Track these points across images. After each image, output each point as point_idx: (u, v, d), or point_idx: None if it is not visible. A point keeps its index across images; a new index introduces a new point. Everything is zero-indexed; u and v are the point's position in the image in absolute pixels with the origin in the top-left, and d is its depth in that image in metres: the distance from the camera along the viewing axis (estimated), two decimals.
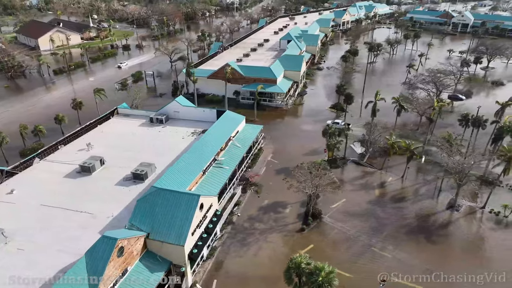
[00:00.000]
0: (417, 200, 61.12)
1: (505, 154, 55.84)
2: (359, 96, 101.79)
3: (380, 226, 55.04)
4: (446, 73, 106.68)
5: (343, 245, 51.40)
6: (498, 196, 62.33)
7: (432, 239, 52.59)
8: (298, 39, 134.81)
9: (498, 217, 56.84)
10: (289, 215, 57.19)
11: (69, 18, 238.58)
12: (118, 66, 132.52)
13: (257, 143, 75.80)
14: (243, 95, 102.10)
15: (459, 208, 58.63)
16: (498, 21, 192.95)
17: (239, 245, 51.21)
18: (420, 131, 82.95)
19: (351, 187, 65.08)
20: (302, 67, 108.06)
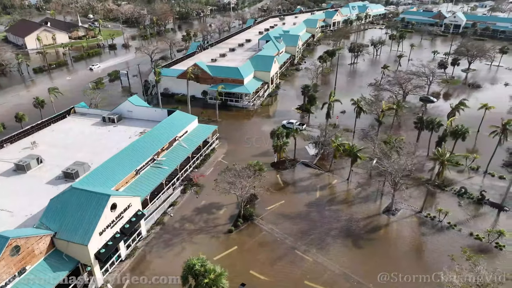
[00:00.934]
0: (356, 203, 60.52)
1: (437, 157, 54.92)
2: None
3: (310, 229, 54.58)
4: (418, 74, 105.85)
5: (267, 248, 51.09)
6: (443, 200, 61.68)
7: (358, 243, 52.00)
8: (277, 40, 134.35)
9: (433, 222, 55.96)
10: (222, 217, 57.04)
11: (65, 17, 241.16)
12: (90, 68, 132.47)
13: (209, 144, 75.71)
14: (210, 95, 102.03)
15: (396, 212, 57.86)
16: (491, 22, 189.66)
17: (163, 246, 51.24)
18: (379, 132, 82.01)
19: (293, 189, 64.71)
20: (272, 68, 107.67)
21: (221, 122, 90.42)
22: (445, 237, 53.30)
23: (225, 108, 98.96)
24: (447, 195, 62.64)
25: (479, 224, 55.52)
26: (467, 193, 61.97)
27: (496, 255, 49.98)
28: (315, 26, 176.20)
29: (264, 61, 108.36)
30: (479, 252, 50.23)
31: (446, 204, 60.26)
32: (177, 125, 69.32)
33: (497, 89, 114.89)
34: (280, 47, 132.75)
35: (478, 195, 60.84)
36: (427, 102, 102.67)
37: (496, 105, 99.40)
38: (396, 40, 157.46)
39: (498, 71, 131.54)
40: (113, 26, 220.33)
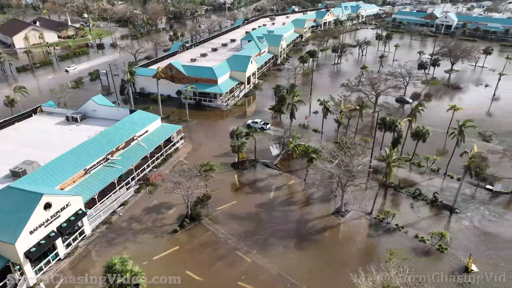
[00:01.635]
0: (308, 204, 60.28)
1: (384, 159, 54.55)
2: (307, 97, 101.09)
3: (257, 230, 54.45)
4: (395, 75, 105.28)
5: (208, 248, 51.03)
6: (397, 201, 61.38)
7: (301, 245, 51.81)
8: (260, 40, 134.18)
9: (381, 223, 55.57)
10: (171, 217, 57.06)
11: (60, 17, 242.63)
12: (65, 70, 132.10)
13: (172, 143, 75.77)
14: (185, 95, 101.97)
15: (345, 213, 57.53)
16: (482, 22, 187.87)
17: (105, 245, 51.38)
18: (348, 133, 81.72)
19: (248, 189, 64.60)
20: (248, 68, 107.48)
21: (191, 122, 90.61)
22: (390, 239, 52.94)
23: (199, 108, 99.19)
24: (402, 197, 62.18)
25: (428, 226, 54.98)
26: (422, 194, 61.45)
27: (438, 257, 49.50)
28: (303, 26, 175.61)
29: (241, 61, 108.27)
30: (423, 255, 50.00)
31: (399, 206, 60.08)
32: (136, 125, 69.46)
33: (477, 90, 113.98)
34: (262, 47, 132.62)
35: (431, 197, 60.29)
36: (403, 103, 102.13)
37: (475, 107, 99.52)
38: (383, 40, 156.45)
39: (482, 72, 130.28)
40: (105, 26, 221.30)
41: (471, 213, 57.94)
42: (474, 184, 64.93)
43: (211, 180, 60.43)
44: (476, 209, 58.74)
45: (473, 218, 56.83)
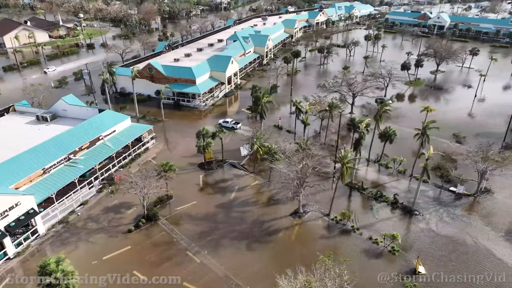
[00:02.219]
0: (268, 205, 60.10)
1: (340, 160, 54.36)
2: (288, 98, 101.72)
3: (212, 230, 54.43)
4: (376, 76, 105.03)
5: (160, 248, 51.07)
6: (359, 202, 61.24)
7: (253, 246, 51.69)
8: (245, 40, 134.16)
9: (337, 225, 55.35)
10: (128, 216, 57.19)
11: (55, 16, 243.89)
12: (44, 71, 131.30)
13: (142, 143, 75.94)
14: (163, 95, 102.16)
15: (303, 214, 57.37)
16: (474, 23, 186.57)
17: (58, 245, 51.58)
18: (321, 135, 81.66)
19: (211, 189, 64.62)
20: (228, 68, 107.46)
21: (166, 121, 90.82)
22: (344, 240, 52.72)
23: (177, 108, 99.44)
24: (364, 198, 61.91)
25: (384, 227, 54.63)
26: (383, 196, 61.15)
27: (389, 259, 49.21)
28: (293, 27, 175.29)
29: (221, 61, 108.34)
30: (374, 256, 49.74)
31: (360, 207, 59.91)
32: (103, 125, 69.67)
33: (460, 91, 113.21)
34: (248, 48, 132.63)
35: (392, 199, 60.02)
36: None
37: (455, 107, 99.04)
38: (372, 41, 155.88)
39: (468, 74, 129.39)
40: (99, 26, 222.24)
41: (430, 215, 57.57)
42: (439, 186, 64.54)
43: (176, 180, 60.60)
44: (435, 211, 58.36)
45: (431, 220, 56.46)
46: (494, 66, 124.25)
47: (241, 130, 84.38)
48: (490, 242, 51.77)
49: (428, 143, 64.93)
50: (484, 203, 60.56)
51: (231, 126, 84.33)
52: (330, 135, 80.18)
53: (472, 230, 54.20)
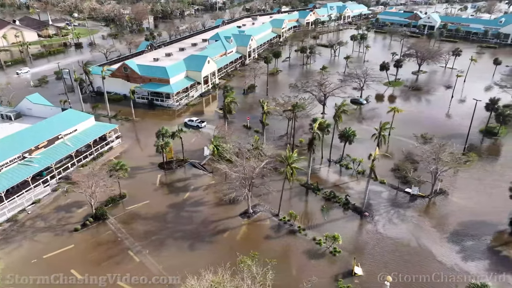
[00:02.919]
0: (219, 205, 59.92)
1: (283, 160, 54.22)
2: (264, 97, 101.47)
3: (158, 230, 54.51)
4: (351, 76, 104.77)
5: (103, 247, 51.27)
6: (312, 203, 61.05)
7: (195, 245, 51.74)
8: (228, 40, 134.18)
9: (285, 225, 55.22)
10: (79, 215, 57.41)
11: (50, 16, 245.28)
12: (16, 73, 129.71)
13: (105, 142, 76.18)
14: (138, 94, 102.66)
15: (252, 215, 57.28)
16: (465, 24, 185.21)
17: (2, 243, 51.80)
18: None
19: (166, 189, 64.73)
20: (204, 68, 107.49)
21: (137, 121, 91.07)
22: (288, 241, 52.58)
23: (151, 107, 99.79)
24: (318, 199, 61.70)
25: (331, 228, 54.30)
26: (336, 197, 60.92)
27: (329, 260, 49.00)
28: (281, 26, 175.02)
29: (197, 61, 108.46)
30: (314, 257, 49.58)
31: (312, 208, 59.78)
32: (63, 124, 70.02)
33: (438, 92, 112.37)
34: (229, 47, 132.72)
35: (344, 199, 59.81)
36: (357, 104, 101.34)
37: (431, 108, 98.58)
38: (358, 41, 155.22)
39: (451, 74, 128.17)
40: (91, 25, 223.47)
41: (380, 216, 57.25)
42: (395, 187, 64.18)
43: (134, 179, 60.95)
44: (386, 213, 58.04)
45: (379, 221, 56.15)
46: (477, 67, 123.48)
47: (210, 130, 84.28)
48: (433, 244, 51.39)
49: (385, 144, 64.65)
50: (437, 205, 60.15)
51: (196, 125, 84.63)
52: (302, 135, 79.90)
53: (418, 232, 53.83)
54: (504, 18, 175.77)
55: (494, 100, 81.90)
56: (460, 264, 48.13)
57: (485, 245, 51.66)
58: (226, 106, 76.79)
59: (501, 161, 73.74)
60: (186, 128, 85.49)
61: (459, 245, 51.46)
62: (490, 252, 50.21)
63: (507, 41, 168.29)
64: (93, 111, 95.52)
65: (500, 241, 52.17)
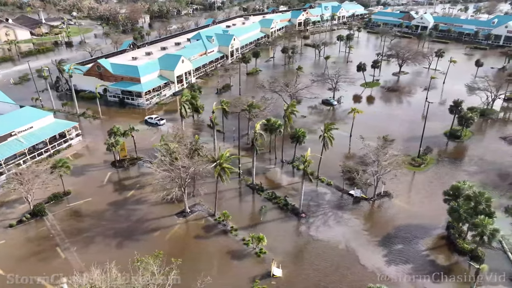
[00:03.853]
0: (160, 204, 59.73)
1: (213, 161, 54.17)
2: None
3: (92, 227, 55.02)
4: (324, 77, 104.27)
5: (33, 243, 51.97)
6: (253, 203, 60.88)
7: (123, 243, 52.04)
8: (209, 39, 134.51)
9: (219, 225, 55.20)
10: (18, 211, 58.22)
11: (49, 15, 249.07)
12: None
13: (64, 140, 77.08)
14: (110, 93, 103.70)
15: (189, 214, 57.42)
16: (458, 24, 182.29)
17: None
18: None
19: (112, 187, 65.20)
20: (177, 67, 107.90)
21: (104, 119, 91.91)
22: (217, 240, 52.55)
23: (122, 105, 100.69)
24: (260, 199, 61.53)
25: (265, 229, 54.16)
26: (277, 197, 60.66)
27: (253, 261, 48.81)
28: (269, 26, 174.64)
29: (170, 60, 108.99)
30: (239, 258, 49.44)
31: (252, 208, 59.68)
32: (17, 121, 71.07)
33: (415, 93, 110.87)
34: (210, 47, 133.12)
35: (283, 200, 59.55)
36: (328, 105, 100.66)
37: (403, 109, 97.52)
38: (344, 41, 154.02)
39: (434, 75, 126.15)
40: (87, 24, 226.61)
41: (316, 218, 56.82)
42: (340, 189, 63.62)
43: (83, 176, 61.99)
44: (324, 215, 57.57)
45: (314, 223, 55.74)
46: (460, 68, 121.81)
47: (162, 126, 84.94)
48: (359, 247, 50.79)
49: (331, 145, 64.18)
50: (377, 208, 59.46)
51: (155, 123, 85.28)
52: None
53: (350, 235, 53.25)
54: (497, 19, 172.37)
55: (457, 102, 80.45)
56: (383, 267, 47.50)
57: (414, 248, 50.84)
58: (181, 106, 76.93)
59: (456, 164, 72.46)
60: (146, 126, 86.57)
61: (388, 248, 50.80)
62: (416, 256, 49.36)
63: (499, 42, 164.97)
64: (63, 109, 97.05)
65: (430, 245, 51.27)
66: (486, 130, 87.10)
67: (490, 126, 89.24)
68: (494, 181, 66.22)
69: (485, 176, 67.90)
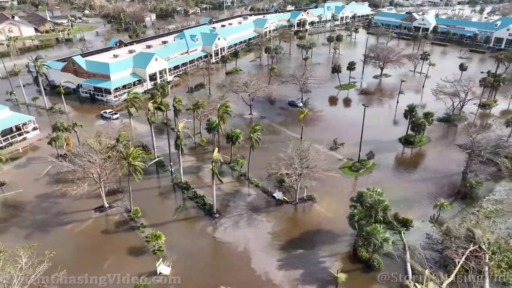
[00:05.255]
0: (85, 198, 60.90)
1: (125, 157, 54.94)
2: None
3: (10, 217, 56.95)
4: (289, 79, 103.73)
5: None
6: (173, 201, 61.47)
7: (32, 235, 53.28)
8: (193, 38, 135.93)
9: (131, 221, 56.01)
10: None
11: (62, 12, 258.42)
12: None
13: (18, 133, 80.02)
14: (83, 89, 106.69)
15: (107, 209, 58.53)
16: (460, 26, 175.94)
17: None
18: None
19: (47, 180, 67.09)
20: (149, 65, 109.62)
21: (69, 114, 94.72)
22: (121, 236, 53.40)
23: (93, 101, 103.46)
24: (182, 198, 62.00)
25: (174, 227, 54.72)
26: (198, 197, 60.94)
27: (149, 259, 49.27)
28: (263, 26, 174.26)
29: (143, 58, 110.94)
30: (136, 254, 50.10)
31: (171, 206, 60.21)
32: None
33: (388, 97, 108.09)
34: (193, 46, 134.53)
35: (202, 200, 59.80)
36: (293, 106, 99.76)
37: (372, 113, 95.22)
38: (333, 42, 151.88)
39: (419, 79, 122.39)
40: (96, 22, 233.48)
41: (229, 219, 56.66)
42: (265, 191, 63.16)
43: (24, 168, 64.88)
44: (238, 216, 57.32)
45: (224, 224, 55.59)
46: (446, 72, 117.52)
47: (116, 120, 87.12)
48: (258, 250, 50.33)
49: (258, 145, 63.89)
50: (295, 211, 58.65)
51: (109, 117, 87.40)
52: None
53: (253, 237, 52.83)
54: (500, 21, 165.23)
55: (411, 107, 78.06)
56: (271, 272, 46.90)
57: (314, 255, 49.87)
58: (129, 103, 78.26)
59: (398, 170, 70.40)
60: (102, 120, 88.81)
61: (287, 253, 50.08)
62: (310, 263, 48.37)
63: (501, 46, 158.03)
64: (34, 103, 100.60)
65: (329, 252, 50.16)
66: (446, 137, 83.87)
67: (452, 132, 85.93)
68: (430, 189, 64.00)
69: (423, 183, 65.78)
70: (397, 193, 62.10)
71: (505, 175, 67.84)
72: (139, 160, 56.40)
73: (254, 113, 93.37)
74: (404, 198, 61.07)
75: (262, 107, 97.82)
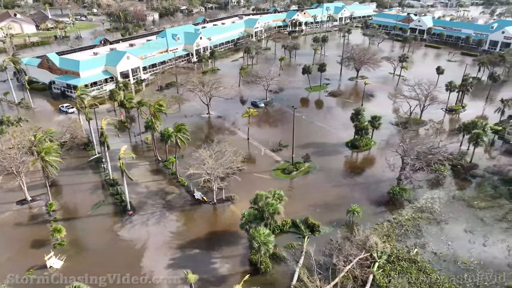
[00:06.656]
0: (12, 191, 62.90)
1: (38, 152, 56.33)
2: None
3: None
4: (253, 79, 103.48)
5: None
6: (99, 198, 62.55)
7: None
8: (174, 37, 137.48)
9: (45, 215, 57.42)
10: None
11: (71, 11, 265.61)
12: None
13: None
14: (55, 85, 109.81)
15: (27, 202, 60.23)
16: (456, 28, 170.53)
17: None
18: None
19: None
20: (120, 63, 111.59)
21: (35, 109, 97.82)
22: (34, 229, 54.96)
23: (65, 97, 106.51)
24: (107, 194, 63.05)
25: (88, 222, 55.98)
26: (119, 194, 61.81)
27: (45, 252, 50.45)
28: (253, 26, 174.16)
29: (115, 56, 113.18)
30: (36, 247, 51.37)
31: (92, 202, 61.31)
32: None
33: (356, 99, 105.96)
34: (174, 45, 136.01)
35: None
36: (256, 107, 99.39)
37: (333, 116, 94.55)
38: (319, 43, 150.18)
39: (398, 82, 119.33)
40: (99, 20, 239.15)
41: (141, 216, 57.26)
42: (188, 190, 63.42)
43: None
44: (151, 214, 57.84)
45: (134, 221, 56.27)
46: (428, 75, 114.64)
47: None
48: (153, 249, 50.76)
49: (185, 144, 64.26)
50: (210, 211, 58.66)
51: (65, 111, 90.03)
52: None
53: (154, 235, 53.18)
54: (496, 24, 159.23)
55: (357, 110, 76.57)
56: (157, 271, 47.17)
57: (206, 256, 49.78)
58: (77, 99, 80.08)
59: (331, 174, 68.92)
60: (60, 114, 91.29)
61: (180, 253, 50.22)
62: (199, 264, 48.20)
63: (495, 49, 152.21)
64: (5, 98, 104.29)
65: (224, 254, 49.94)
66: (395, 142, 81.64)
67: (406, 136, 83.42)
68: (356, 195, 62.69)
69: (353, 188, 64.55)
70: (320, 197, 61.24)
71: (442, 182, 65.71)
72: (55, 155, 57.58)
73: (212, 112, 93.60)
74: (325, 203, 60.10)
75: (226, 107, 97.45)
